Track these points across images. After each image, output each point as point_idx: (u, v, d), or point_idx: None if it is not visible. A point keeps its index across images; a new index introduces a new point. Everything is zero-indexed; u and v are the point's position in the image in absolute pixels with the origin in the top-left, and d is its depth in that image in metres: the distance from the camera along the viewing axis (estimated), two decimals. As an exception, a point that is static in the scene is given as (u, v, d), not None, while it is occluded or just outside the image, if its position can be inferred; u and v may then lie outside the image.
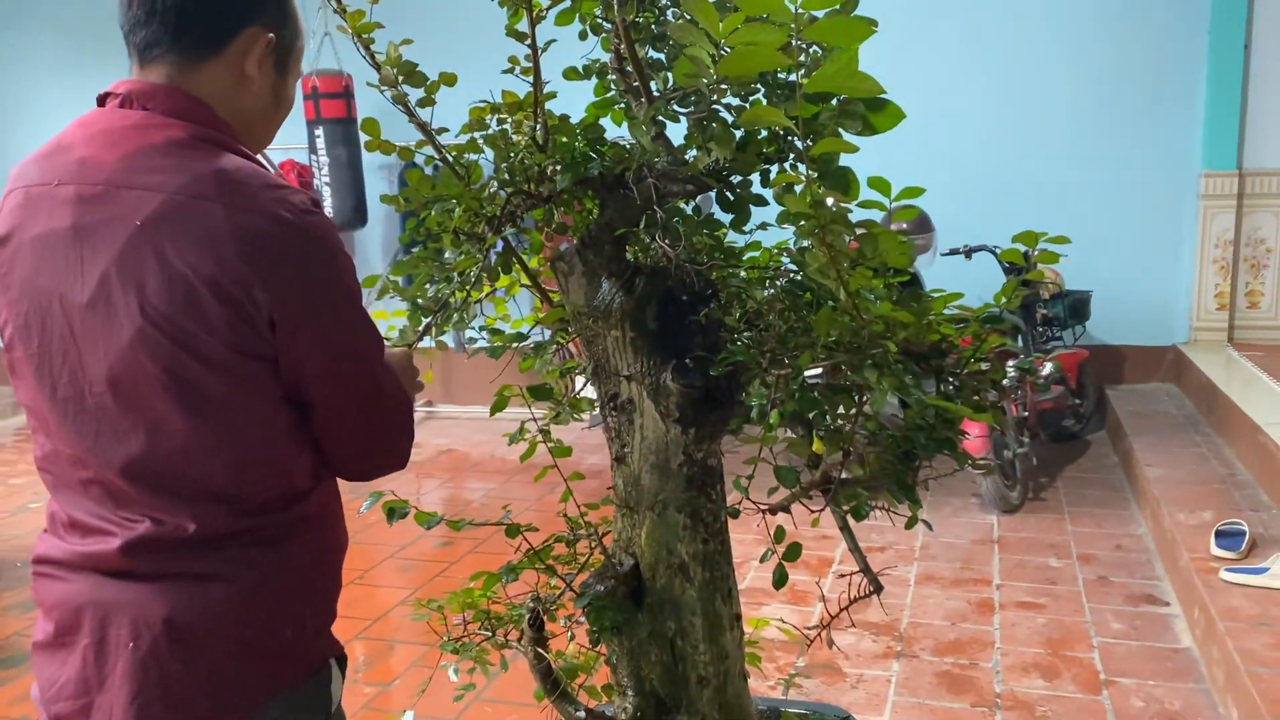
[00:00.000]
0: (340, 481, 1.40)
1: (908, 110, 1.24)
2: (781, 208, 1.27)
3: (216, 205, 1.14)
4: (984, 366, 1.53)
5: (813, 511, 1.40)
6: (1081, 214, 6.05)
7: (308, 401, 1.25)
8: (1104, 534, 4.38)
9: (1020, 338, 5.45)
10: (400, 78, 1.64)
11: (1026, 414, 4.99)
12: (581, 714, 1.66)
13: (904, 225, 5.40)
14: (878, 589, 1.40)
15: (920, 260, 5.55)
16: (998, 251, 5.14)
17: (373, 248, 7.42)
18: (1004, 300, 1.54)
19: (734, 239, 1.70)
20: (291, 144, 6.99)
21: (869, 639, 3.48)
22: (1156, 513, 4.16)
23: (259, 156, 1.32)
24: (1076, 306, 5.67)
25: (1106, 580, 3.91)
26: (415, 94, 1.68)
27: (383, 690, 3.32)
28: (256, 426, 1.21)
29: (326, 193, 6.66)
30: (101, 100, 1.26)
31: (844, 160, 1.26)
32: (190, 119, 1.22)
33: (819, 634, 1.50)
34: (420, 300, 1.65)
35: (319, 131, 6.58)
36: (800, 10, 0.99)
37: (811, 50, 1.34)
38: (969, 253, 5.34)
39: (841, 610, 1.43)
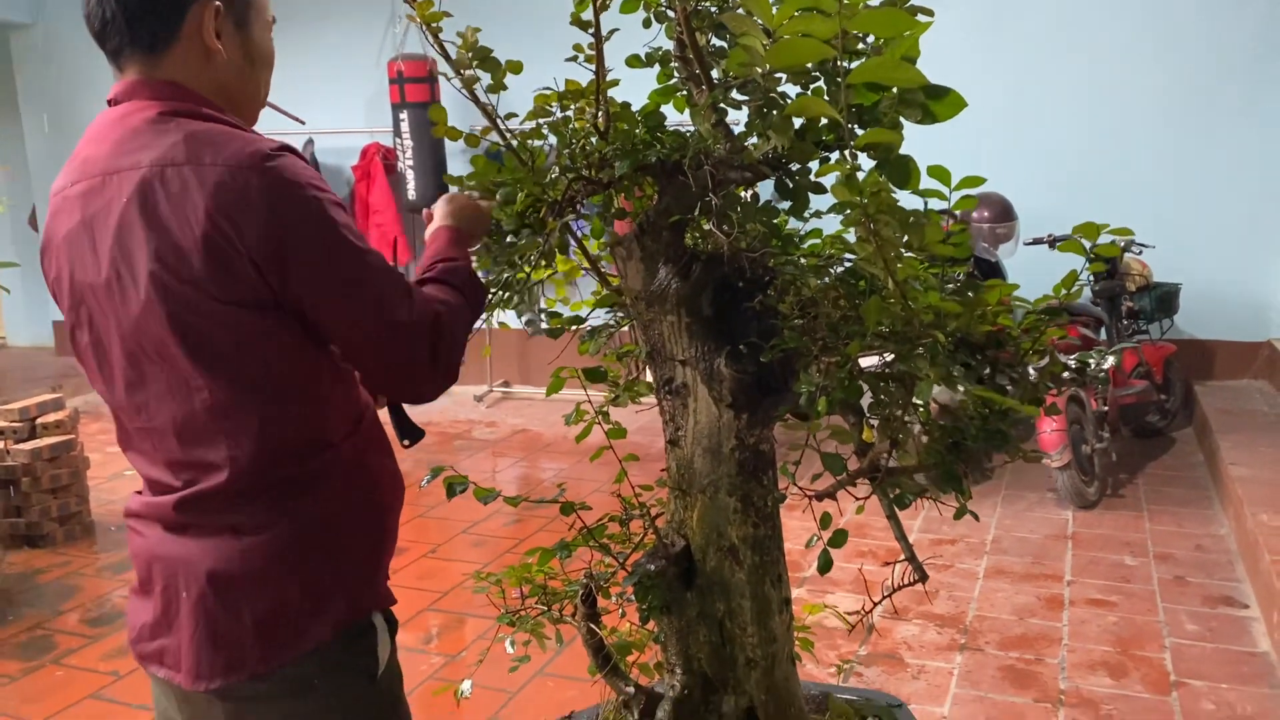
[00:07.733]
0: (395, 445, 1.47)
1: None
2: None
3: (187, 168, 1.21)
4: (1040, 360, 1.52)
5: (858, 499, 1.41)
6: (1174, 205, 5.86)
7: (328, 337, 1.29)
8: (1183, 533, 4.27)
9: (1104, 330, 5.32)
10: (474, 62, 1.68)
11: (1106, 408, 4.87)
12: (631, 689, 1.70)
13: (985, 214, 5.32)
14: (923, 578, 1.40)
15: (1002, 249, 5.46)
16: (1057, 244, 5.01)
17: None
18: (1063, 293, 1.53)
19: (796, 225, 1.70)
20: (377, 127, 7.15)
21: (933, 630, 3.46)
22: (1240, 513, 4.05)
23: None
24: (1164, 299, 5.52)
25: (1183, 580, 3.82)
26: (482, 81, 1.72)
27: (450, 660, 3.41)
28: (276, 376, 1.27)
29: (410, 175, 6.79)
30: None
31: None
32: (163, 98, 1.30)
33: (860, 620, 1.51)
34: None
35: (403, 115, 6.71)
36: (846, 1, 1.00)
37: (871, 40, 1.34)
38: (1053, 242, 5.22)
39: (884, 598, 1.44)
